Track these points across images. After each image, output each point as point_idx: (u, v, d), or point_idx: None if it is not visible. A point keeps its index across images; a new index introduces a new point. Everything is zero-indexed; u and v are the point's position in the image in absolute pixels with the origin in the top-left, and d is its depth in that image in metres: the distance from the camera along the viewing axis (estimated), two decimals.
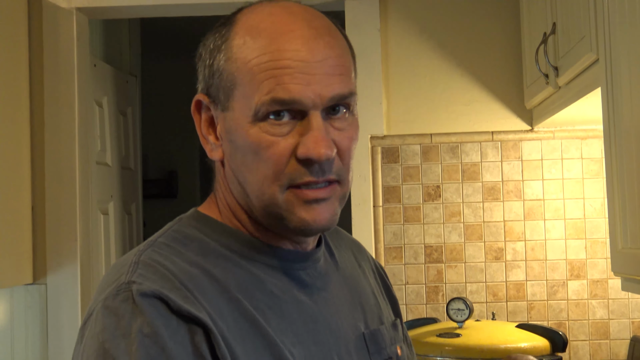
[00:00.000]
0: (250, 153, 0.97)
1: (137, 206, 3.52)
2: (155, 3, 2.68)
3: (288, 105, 0.95)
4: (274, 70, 0.95)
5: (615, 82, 1.57)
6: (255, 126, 0.96)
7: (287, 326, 0.98)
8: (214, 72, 1.00)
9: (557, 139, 2.57)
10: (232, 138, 0.99)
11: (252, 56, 0.96)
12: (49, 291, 2.61)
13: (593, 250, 2.55)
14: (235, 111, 0.98)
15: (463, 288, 2.56)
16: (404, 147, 2.60)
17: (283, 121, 0.96)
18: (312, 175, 0.96)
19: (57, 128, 2.63)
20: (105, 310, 0.90)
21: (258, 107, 0.95)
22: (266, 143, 0.96)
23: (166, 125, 5.14)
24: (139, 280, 0.91)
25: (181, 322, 0.89)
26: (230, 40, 0.99)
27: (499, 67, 2.62)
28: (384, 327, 1.14)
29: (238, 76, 0.97)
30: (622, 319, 2.53)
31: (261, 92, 0.95)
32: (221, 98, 1.00)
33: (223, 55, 0.99)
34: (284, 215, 0.98)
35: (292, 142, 0.96)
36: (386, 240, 2.58)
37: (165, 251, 0.98)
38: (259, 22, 0.98)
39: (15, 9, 2.57)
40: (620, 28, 1.53)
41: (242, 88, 0.97)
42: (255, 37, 0.97)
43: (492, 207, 2.58)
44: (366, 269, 1.23)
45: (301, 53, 0.95)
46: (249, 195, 1.00)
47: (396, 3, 2.64)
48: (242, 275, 0.99)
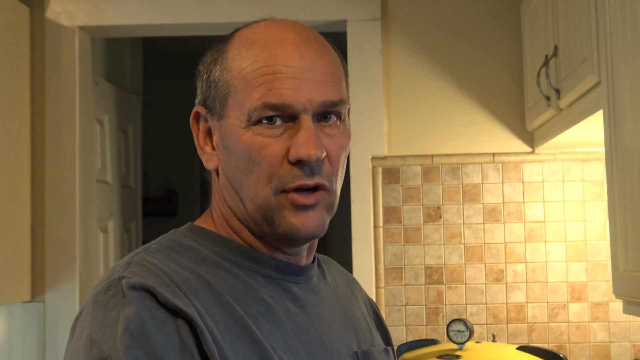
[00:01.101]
0: (244, 157, 1.00)
1: (137, 224, 3.52)
2: (157, 22, 2.68)
3: (279, 110, 0.98)
4: (266, 76, 0.98)
5: (617, 104, 1.57)
6: (249, 130, 0.99)
7: (279, 333, 0.99)
8: (210, 84, 1.04)
9: (559, 161, 2.57)
10: (227, 144, 1.02)
11: (245, 64, 1.00)
12: (47, 309, 2.60)
13: (594, 272, 2.54)
14: (230, 118, 1.01)
15: (463, 309, 2.55)
16: (404, 168, 2.60)
17: (275, 125, 0.98)
18: (303, 177, 0.98)
19: (58, 145, 2.63)
20: (95, 304, 0.92)
21: (251, 111, 0.98)
22: (259, 145, 0.98)
23: (167, 144, 5.14)
24: (129, 275, 0.93)
25: (169, 315, 0.90)
26: (226, 53, 1.03)
27: (501, 88, 2.62)
28: (376, 349, 1.14)
29: (232, 84, 1.01)
30: (623, 342, 2.51)
31: (253, 97, 0.98)
32: (217, 108, 1.03)
33: (219, 67, 1.03)
34: (274, 218, 1.00)
35: (284, 145, 0.98)
36: (386, 261, 2.58)
37: (158, 255, 0.99)
38: (253, 34, 1.02)
39: (17, 27, 2.58)
40: (622, 51, 1.54)
41: (236, 95, 1.00)
42: (248, 47, 1.01)
43: (493, 229, 2.57)
44: (359, 297, 1.24)
45: (292, 59, 0.99)
46: (243, 200, 1.02)
47: (398, 24, 2.65)
48: (235, 282, 1.00)
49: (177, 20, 2.68)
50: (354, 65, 2.60)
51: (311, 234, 1.01)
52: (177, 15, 2.67)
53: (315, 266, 1.12)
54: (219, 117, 1.03)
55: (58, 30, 2.66)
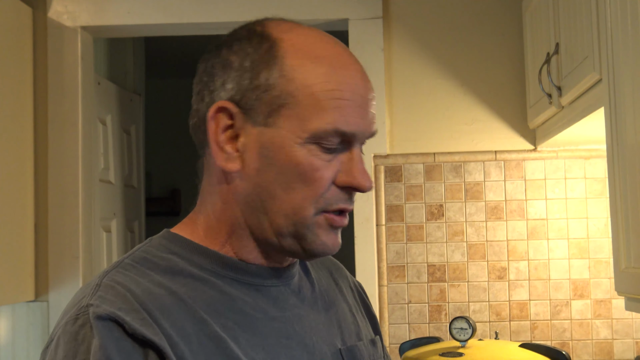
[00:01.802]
0: (292, 173, 0.98)
1: (140, 224, 3.52)
2: (159, 22, 2.69)
3: (346, 137, 0.99)
4: (338, 100, 0.98)
5: (619, 102, 1.57)
6: (304, 148, 0.98)
7: (258, 342, 0.98)
8: (257, 86, 0.99)
9: (561, 158, 2.57)
10: (268, 154, 0.99)
11: (314, 81, 0.98)
12: (50, 308, 2.61)
13: (596, 270, 2.54)
14: (280, 128, 0.98)
15: (466, 307, 2.55)
16: (407, 166, 2.60)
17: (332, 149, 0.99)
18: (347, 202, 1.02)
19: (60, 145, 2.63)
20: (65, 336, 0.91)
21: (319, 132, 0.97)
22: (314, 167, 0.98)
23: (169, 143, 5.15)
24: (96, 303, 0.91)
25: (136, 345, 0.89)
26: (281, 58, 0.99)
27: (502, 86, 2.62)
28: (362, 343, 1.13)
29: (295, 96, 0.98)
30: (626, 339, 2.52)
31: (324, 119, 0.97)
32: (260, 112, 0.99)
33: (274, 72, 0.98)
34: (307, 236, 1.00)
35: (335, 169, 1.00)
36: (389, 259, 2.58)
37: (130, 272, 0.97)
38: (310, 47, 1.00)
39: (20, 27, 2.59)
40: (624, 48, 1.54)
41: (296, 109, 0.98)
42: (314, 62, 0.99)
43: (495, 227, 2.57)
44: (344, 287, 1.22)
45: (359, 88, 1.00)
46: (272, 212, 1.00)
47: (400, 23, 2.66)
48: (211, 294, 0.99)
49: (179, 20, 2.68)
50: None
51: (332, 252, 1.04)
52: (179, 15, 2.67)
53: (297, 264, 1.11)
54: (260, 122, 0.99)
55: (60, 31, 2.66)
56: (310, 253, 1.02)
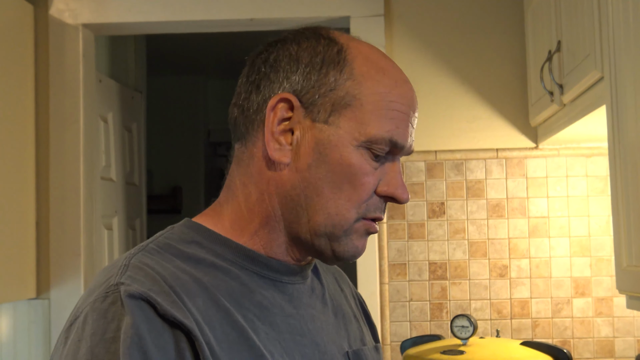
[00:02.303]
0: (343, 173, 1.01)
1: (141, 222, 3.53)
2: (160, 20, 2.69)
3: (396, 148, 1.03)
4: (397, 112, 1.02)
5: (620, 99, 1.57)
6: (358, 151, 1.01)
7: (276, 337, 0.99)
8: (324, 84, 1.02)
9: (562, 156, 2.57)
10: (323, 151, 1.01)
11: (379, 90, 1.02)
12: (52, 306, 2.61)
13: (598, 267, 2.54)
14: (340, 128, 1.01)
15: (467, 305, 2.55)
16: (408, 164, 2.60)
17: (381, 157, 1.03)
18: (382, 211, 1.05)
19: (62, 143, 2.64)
20: (94, 313, 0.90)
21: (375, 138, 1.01)
22: (364, 171, 1.01)
23: (171, 141, 5.15)
24: (127, 282, 0.91)
25: (166, 327, 0.89)
26: (352, 63, 1.03)
27: (504, 84, 2.62)
28: (367, 348, 1.15)
29: (359, 100, 1.01)
30: (627, 337, 2.52)
31: (382, 127, 1.01)
32: (322, 109, 1.01)
33: (343, 74, 1.02)
34: (342, 239, 1.03)
35: (378, 177, 1.03)
36: (390, 257, 2.58)
37: (156, 256, 0.98)
38: (376, 58, 1.05)
39: (21, 25, 2.59)
40: (625, 46, 1.54)
41: (359, 112, 1.01)
42: (380, 72, 1.03)
43: (497, 224, 2.57)
44: (347, 293, 1.24)
45: (413, 105, 1.06)
46: (314, 209, 1.01)
47: (401, 20, 2.65)
48: (232, 284, 0.99)
49: (181, 17, 2.68)
50: None
51: (358, 257, 1.06)
52: (181, 13, 2.67)
53: (312, 265, 1.12)
54: (320, 119, 1.01)
55: (62, 28, 2.66)
56: (339, 256, 1.04)
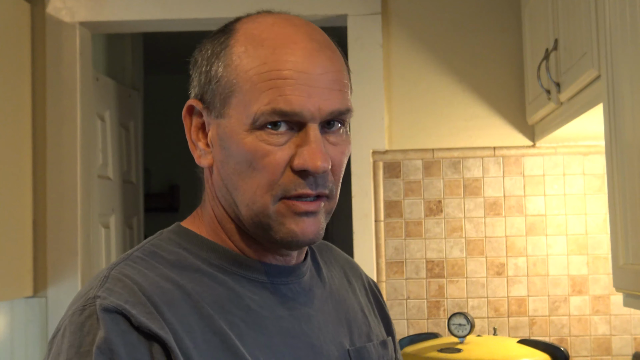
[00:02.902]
0: (245, 161, 0.97)
1: (139, 220, 3.52)
2: (157, 18, 2.69)
3: (288, 117, 0.95)
4: (276, 80, 0.95)
5: (617, 98, 1.57)
6: (252, 135, 0.96)
7: (265, 341, 0.97)
8: (210, 79, 1.00)
9: (559, 154, 2.57)
10: (225, 145, 0.99)
11: (252, 65, 0.96)
12: (49, 304, 2.61)
13: (595, 265, 2.54)
14: (231, 118, 0.98)
15: (464, 303, 2.56)
16: (405, 162, 2.60)
17: (280, 131, 0.96)
18: (306, 187, 0.96)
19: (59, 141, 2.63)
20: (71, 326, 0.90)
21: (257, 116, 0.95)
22: (262, 152, 0.96)
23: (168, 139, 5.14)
24: (103, 295, 0.91)
25: (142, 338, 0.89)
26: (230, 48, 0.99)
27: (501, 82, 2.62)
28: (372, 344, 1.12)
29: (237, 84, 0.97)
30: (624, 335, 2.52)
31: (261, 101, 0.95)
32: (217, 105, 0.99)
33: (222, 63, 0.99)
34: (272, 225, 0.98)
35: (288, 153, 0.96)
36: (387, 255, 2.58)
37: (139, 265, 0.97)
38: (260, 32, 0.98)
39: (18, 23, 2.59)
40: (622, 44, 1.54)
41: (240, 96, 0.97)
42: (256, 46, 0.97)
43: (494, 223, 2.58)
44: (357, 286, 1.21)
45: (303, 65, 0.96)
46: (238, 204, 1.00)
47: (398, 19, 2.65)
48: (219, 290, 0.98)
49: (178, 15, 2.68)
50: (355, 60, 2.60)
51: (309, 241, 0.99)
52: (178, 11, 2.67)
53: (308, 262, 1.10)
54: (217, 114, 0.99)
55: (59, 26, 2.66)
56: (281, 242, 0.99)
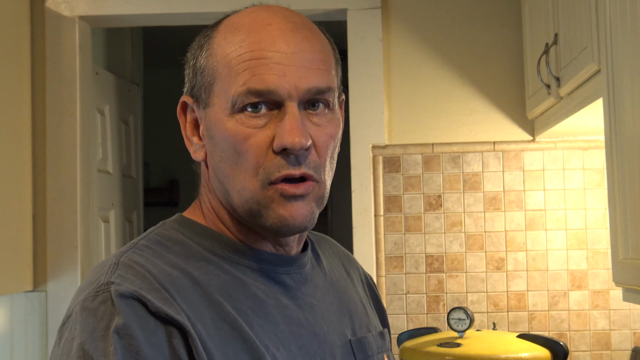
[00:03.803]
0: (229, 147, 0.97)
1: (138, 214, 3.52)
2: (157, 12, 2.68)
3: (263, 97, 0.95)
4: (250, 61, 0.95)
5: (617, 93, 1.57)
6: (233, 119, 0.96)
7: (271, 329, 0.98)
8: (196, 71, 1.01)
9: (559, 149, 2.57)
10: (211, 134, 1.00)
11: (230, 50, 0.97)
12: (49, 298, 2.61)
13: (594, 260, 2.54)
14: (215, 106, 0.99)
15: (464, 298, 2.56)
16: (405, 157, 2.60)
17: (260, 113, 0.95)
18: (289, 167, 0.95)
19: (58, 136, 2.63)
20: (84, 312, 0.90)
21: (235, 98, 0.95)
22: (243, 135, 0.96)
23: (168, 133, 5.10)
24: (117, 281, 0.91)
25: (159, 324, 0.89)
26: (212, 38, 1.01)
27: (501, 77, 2.62)
28: (371, 335, 1.13)
29: (217, 70, 0.98)
30: (623, 330, 2.52)
31: (237, 83, 0.95)
32: (203, 96, 1.00)
33: (205, 53, 1.01)
34: (262, 212, 0.97)
35: (269, 134, 0.95)
36: (387, 250, 2.58)
37: (146, 253, 0.97)
38: (239, 20, 1.00)
39: (18, 17, 2.58)
40: (622, 39, 1.54)
41: (220, 82, 0.98)
42: (234, 32, 0.99)
43: (494, 217, 2.58)
44: (355, 278, 1.22)
45: (277, 44, 0.96)
46: (230, 192, 1.00)
47: (398, 13, 2.65)
48: (224, 278, 0.99)
49: (178, 9, 2.68)
50: (355, 54, 2.60)
51: (300, 225, 0.98)
52: (177, 5, 2.67)
53: (308, 253, 1.10)
54: (204, 105, 1.00)
55: (58, 20, 2.66)
56: (272, 229, 0.98)
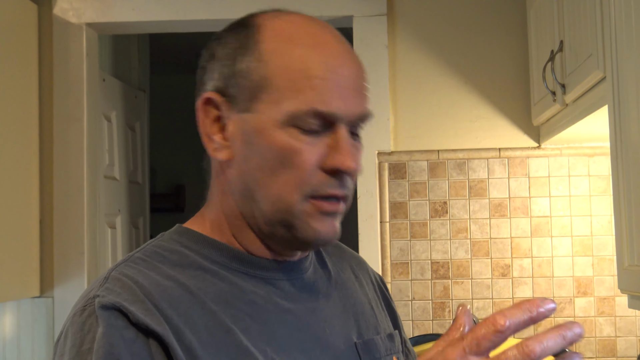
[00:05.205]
0: (273, 158, 0.97)
1: (145, 220, 3.53)
2: (163, 19, 2.69)
3: (325, 119, 0.96)
4: (315, 80, 0.95)
5: (622, 99, 1.57)
6: (283, 131, 0.96)
7: (270, 334, 0.98)
8: (235, 73, 0.99)
9: (564, 156, 2.57)
10: (250, 140, 0.98)
11: (289, 62, 0.97)
12: (55, 304, 2.62)
13: (600, 267, 2.54)
14: (260, 113, 0.97)
15: (469, 304, 2.56)
16: (411, 163, 2.60)
17: (312, 130, 0.96)
18: (337, 187, 0.97)
19: (65, 142, 2.64)
20: (73, 327, 0.92)
21: (294, 114, 0.95)
22: (293, 150, 0.96)
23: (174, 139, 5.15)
24: (102, 294, 0.92)
25: (140, 334, 0.90)
26: (260, 44, 0.98)
27: (507, 83, 2.62)
28: (379, 337, 1.12)
29: (269, 79, 0.97)
30: (629, 337, 2.52)
31: (299, 100, 0.95)
32: (242, 99, 0.99)
33: (252, 58, 0.98)
34: (296, 224, 0.98)
35: (319, 152, 0.96)
36: (393, 256, 2.58)
37: (140, 265, 0.98)
38: (290, 30, 0.99)
39: (25, 24, 2.60)
40: (628, 46, 1.54)
41: (273, 92, 0.96)
42: (289, 44, 0.98)
43: (499, 224, 2.58)
44: (364, 280, 1.22)
45: (340, 67, 0.97)
46: (259, 200, 0.99)
47: (404, 20, 2.66)
48: (221, 286, 0.99)
49: (184, 16, 2.68)
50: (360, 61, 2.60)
51: (329, 241, 1.00)
52: (184, 12, 2.68)
53: (310, 257, 1.11)
54: (242, 109, 0.99)
55: (66, 27, 2.67)
56: (304, 242, 1.00)
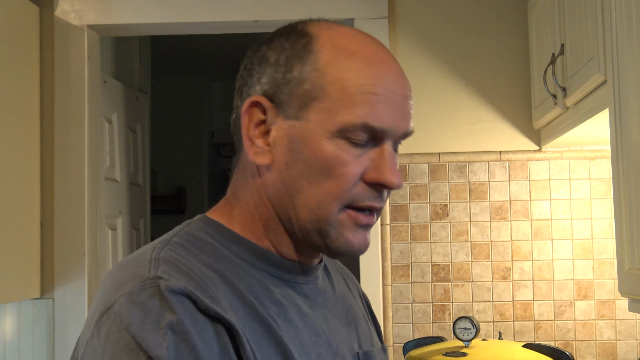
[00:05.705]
0: (319, 167, 0.98)
1: (145, 222, 3.53)
2: (165, 21, 2.70)
3: (375, 133, 0.98)
4: (369, 95, 0.97)
5: (623, 103, 1.57)
6: (332, 142, 0.97)
7: (295, 335, 0.99)
8: (289, 80, 1.00)
9: (565, 159, 2.58)
10: (297, 147, 0.99)
11: (346, 75, 0.98)
12: (56, 306, 2.62)
13: (600, 270, 2.54)
14: (310, 122, 0.98)
15: (470, 307, 2.56)
16: (411, 166, 2.61)
17: (361, 142, 0.98)
18: (376, 200, 1.00)
19: (66, 144, 2.64)
20: (131, 304, 0.89)
21: (346, 126, 0.97)
22: (341, 161, 0.97)
23: (175, 141, 5.16)
24: (165, 277, 0.91)
25: (208, 322, 0.89)
26: (316, 53, 1.00)
27: (507, 87, 2.63)
28: (375, 349, 1.15)
29: (324, 90, 0.98)
30: (629, 340, 2.52)
31: (353, 113, 0.97)
32: (291, 105, 1.00)
33: (307, 66, 0.99)
34: (330, 233, 1.00)
35: (363, 165, 0.98)
36: (393, 259, 2.59)
37: (180, 250, 0.97)
38: (347, 43, 1.01)
39: (27, 26, 2.60)
40: (628, 50, 1.54)
41: (327, 102, 0.98)
42: (348, 57, 0.99)
43: (500, 227, 2.58)
44: (355, 293, 1.24)
45: (394, 84, 0.99)
46: (297, 206, 1.00)
47: (405, 23, 2.66)
48: (252, 282, 0.99)
49: (185, 19, 2.69)
50: None
51: (361, 252, 1.02)
52: (185, 14, 2.68)
53: (322, 264, 1.12)
54: (290, 115, 1.00)
55: (67, 29, 2.67)
56: (335, 250, 1.01)
